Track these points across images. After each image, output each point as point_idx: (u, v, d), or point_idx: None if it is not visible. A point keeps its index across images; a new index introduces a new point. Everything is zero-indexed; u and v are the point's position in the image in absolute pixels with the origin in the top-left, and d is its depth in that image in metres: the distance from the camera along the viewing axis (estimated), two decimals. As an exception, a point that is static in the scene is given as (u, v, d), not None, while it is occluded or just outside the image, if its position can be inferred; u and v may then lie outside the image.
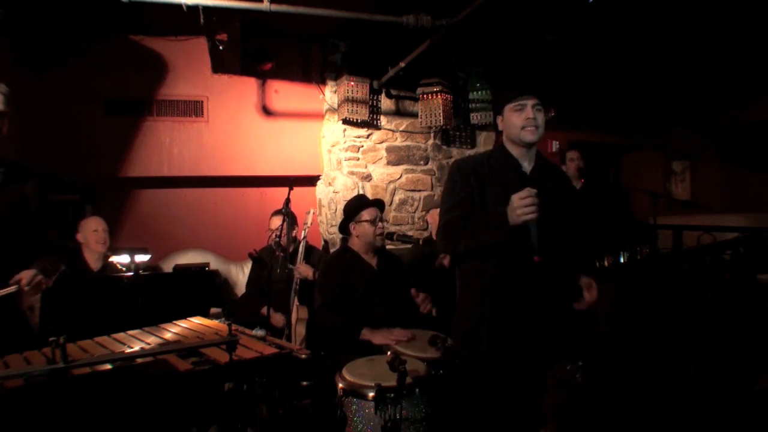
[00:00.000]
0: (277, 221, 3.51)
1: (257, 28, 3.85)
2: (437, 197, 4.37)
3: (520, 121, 1.94)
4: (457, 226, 1.91)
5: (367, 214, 2.94)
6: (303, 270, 3.37)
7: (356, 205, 3.00)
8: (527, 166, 2.02)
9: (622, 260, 3.64)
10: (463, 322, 2.05)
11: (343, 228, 3.04)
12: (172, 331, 2.00)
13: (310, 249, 3.65)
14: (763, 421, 2.66)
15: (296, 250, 3.50)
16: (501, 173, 1.99)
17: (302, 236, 3.50)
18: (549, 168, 2.11)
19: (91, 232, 3.26)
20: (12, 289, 1.88)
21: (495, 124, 2.12)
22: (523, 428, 1.95)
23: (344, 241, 3.11)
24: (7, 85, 2.04)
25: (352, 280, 2.87)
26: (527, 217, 1.74)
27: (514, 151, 2.02)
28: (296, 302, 3.34)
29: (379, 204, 3.07)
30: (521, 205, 1.74)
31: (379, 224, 2.95)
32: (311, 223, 3.53)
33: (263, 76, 4.24)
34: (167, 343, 1.84)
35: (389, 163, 4.34)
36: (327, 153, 4.36)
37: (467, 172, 2.00)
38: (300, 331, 3.29)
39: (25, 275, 1.92)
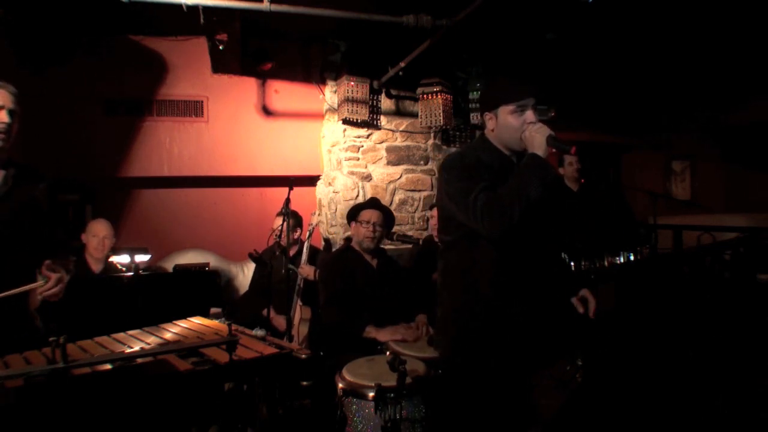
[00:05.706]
0: (279, 222, 3.52)
1: (257, 28, 3.84)
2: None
3: (521, 126, 1.79)
4: (500, 197, 1.70)
5: (362, 216, 3.03)
6: (305, 270, 3.38)
7: (358, 206, 3.11)
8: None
9: (621, 260, 3.64)
10: (465, 323, 1.87)
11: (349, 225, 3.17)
12: (172, 331, 2.00)
13: (314, 251, 3.65)
14: (763, 421, 2.66)
15: (300, 251, 3.50)
16: (504, 177, 1.83)
17: (306, 237, 3.50)
18: None
19: (91, 236, 3.25)
20: (40, 283, 1.85)
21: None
22: (520, 428, 1.95)
23: (348, 240, 3.17)
24: None
25: (353, 277, 2.94)
26: (548, 131, 1.73)
27: (506, 151, 1.89)
28: (299, 303, 3.36)
29: (381, 208, 3.10)
30: (535, 124, 1.75)
31: (368, 227, 2.98)
32: (316, 224, 3.53)
33: (263, 76, 4.24)
34: (167, 343, 1.84)
35: (389, 163, 4.34)
36: (327, 153, 4.36)
37: (477, 167, 1.83)
38: (303, 331, 3.32)
39: (57, 275, 1.86)
